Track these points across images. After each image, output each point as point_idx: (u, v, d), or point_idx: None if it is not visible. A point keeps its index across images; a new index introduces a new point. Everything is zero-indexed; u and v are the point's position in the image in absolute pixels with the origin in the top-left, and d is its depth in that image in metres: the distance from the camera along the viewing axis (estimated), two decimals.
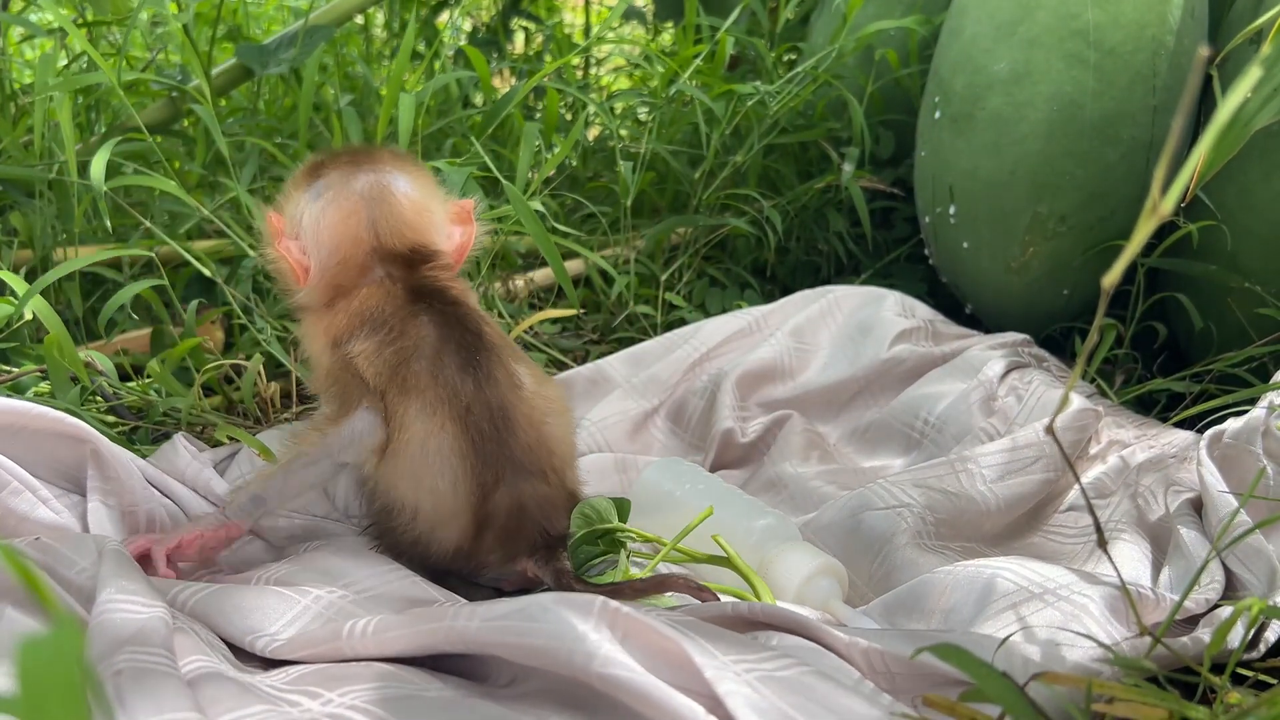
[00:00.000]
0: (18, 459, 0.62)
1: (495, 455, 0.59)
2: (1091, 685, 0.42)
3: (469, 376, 0.60)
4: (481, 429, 0.59)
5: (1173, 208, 0.30)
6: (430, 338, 0.61)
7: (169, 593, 0.56)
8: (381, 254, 0.65)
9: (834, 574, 0.63)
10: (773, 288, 1.18)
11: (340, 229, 0.65)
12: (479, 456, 0.59)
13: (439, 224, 0.68)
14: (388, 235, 0.65)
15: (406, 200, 0.66)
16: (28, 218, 0.92)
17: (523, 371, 0.63)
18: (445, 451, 0.59)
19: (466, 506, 0.59)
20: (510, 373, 0.62)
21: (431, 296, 0.64)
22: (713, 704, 0.41)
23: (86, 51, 0.88)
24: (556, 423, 0.63)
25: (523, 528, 0.60)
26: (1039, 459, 0.73)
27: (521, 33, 1.64)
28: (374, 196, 0.65)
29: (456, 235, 0.69)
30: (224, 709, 0.44)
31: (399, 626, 0.49)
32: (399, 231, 0.65)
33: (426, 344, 0.61)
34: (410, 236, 0.66)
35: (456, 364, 0.60)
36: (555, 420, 0.63)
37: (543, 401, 0.62)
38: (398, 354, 0.60)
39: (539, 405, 0.62)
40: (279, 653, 0.51)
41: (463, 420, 0.59)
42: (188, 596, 0.55)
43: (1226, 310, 0.93)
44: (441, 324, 0.62)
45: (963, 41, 0.99)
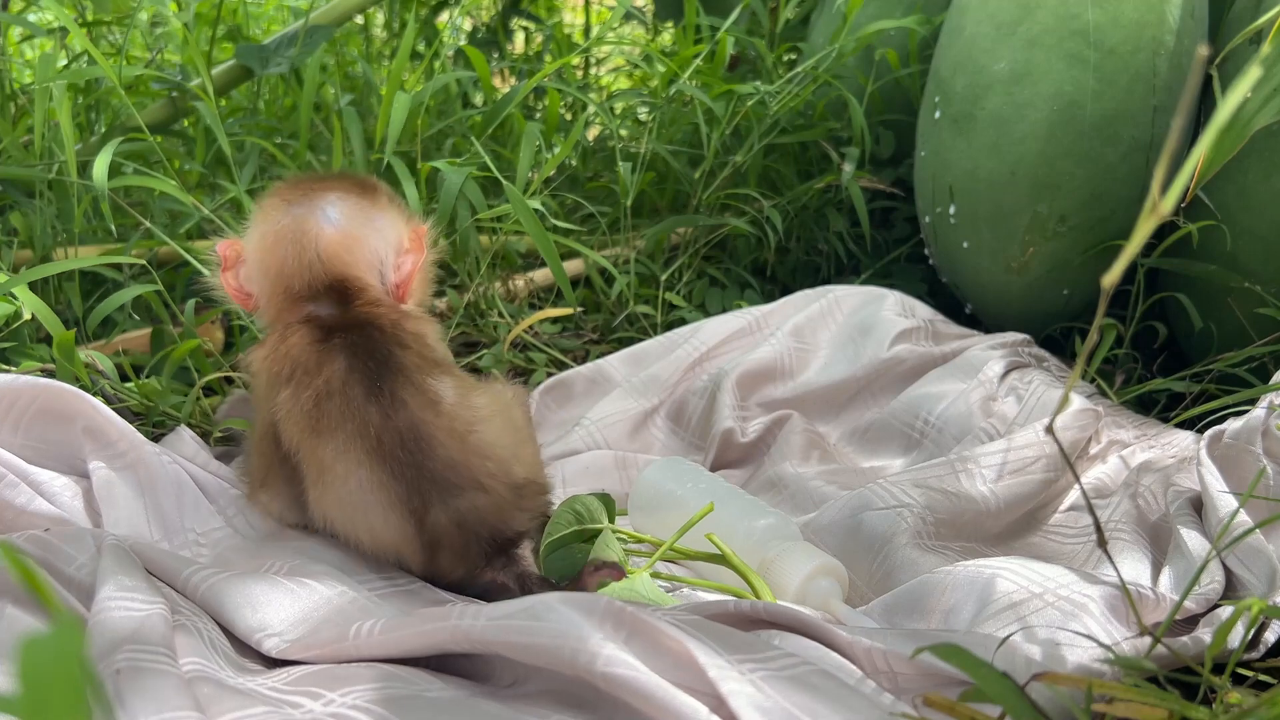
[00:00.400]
0: (10, 446, 0.62)
1: (416, 479, 0.58)
2: (1092, 685, 0.42)
3: (374, 405, 0.59)
4: (396, 456, 0.58)
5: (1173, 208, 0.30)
6: (339, 373, 0.60)
7: (182, 575, 0.56)
8: (309, 289, 0.64)
9: (834, 574, 0.63)
10: (773, 288, 1.19)
11: (270, 262, 0.65)
12: (401, 484, 0.58)
13: (375, 255, 0.66)
14: (312, 270, 0.64)
15: (335, 234, 0.65)
16: (28, 218, 0.92)
17: (443, 386, 0.61)
18: (366, 487, 0.58)
19: (406, 534, 0.59)
20: (423, 391, 0.60)
21: (350, 330, 0.62)
22: (716, 703, 0.41)
23: (87, 50, 0.88)
24: (487, 428, 0.61)
25: (471, 541, 0.60)
26: (1039, 459, 0.73)
27: (521, 33, 1.64)
28: (300, 231, 0.64)
29: (406, 264, 0.67)
30: (224, 709, 0.44)
31: (404, 627, 0.49)
32: (323, 267, 0.64)
33: (336, 380, 0.60)
34: (337, 270, 0.64)
35: (362, 395, 0.59)
36: (485, 426, 0.61)
37: (467, 411, 0.61)
38: (312, 397, 0.60)
39: (462, 416, 0.60)
40: (286, 654, 0.51)
41: (376, 452, 0.58)
42: (200, 580, 0.55)
43: (1226, 310, 0.93)
44: (350, 356, 0.61)
45: (963, 41, 0.99)
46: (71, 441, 0.64)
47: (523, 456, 0.64)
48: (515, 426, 0.66)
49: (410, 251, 0.68)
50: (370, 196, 0.68)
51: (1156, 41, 0.92)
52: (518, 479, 0.62)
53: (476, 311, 1.06)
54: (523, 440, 0.66)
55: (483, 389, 0.65)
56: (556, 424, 0.91)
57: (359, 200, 0.67)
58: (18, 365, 0.78)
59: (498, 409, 0.63)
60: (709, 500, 0.68)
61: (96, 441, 0.63)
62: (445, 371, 0.63)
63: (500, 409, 0.64)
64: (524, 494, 0.63)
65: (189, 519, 0.65)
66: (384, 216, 0.68)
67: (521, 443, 0.66)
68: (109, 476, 0.63)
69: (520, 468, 0.63)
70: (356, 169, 1.05)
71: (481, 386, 0.65)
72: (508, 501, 0.61)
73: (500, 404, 0.65)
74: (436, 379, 0.61)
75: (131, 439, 0.64)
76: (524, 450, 0.65)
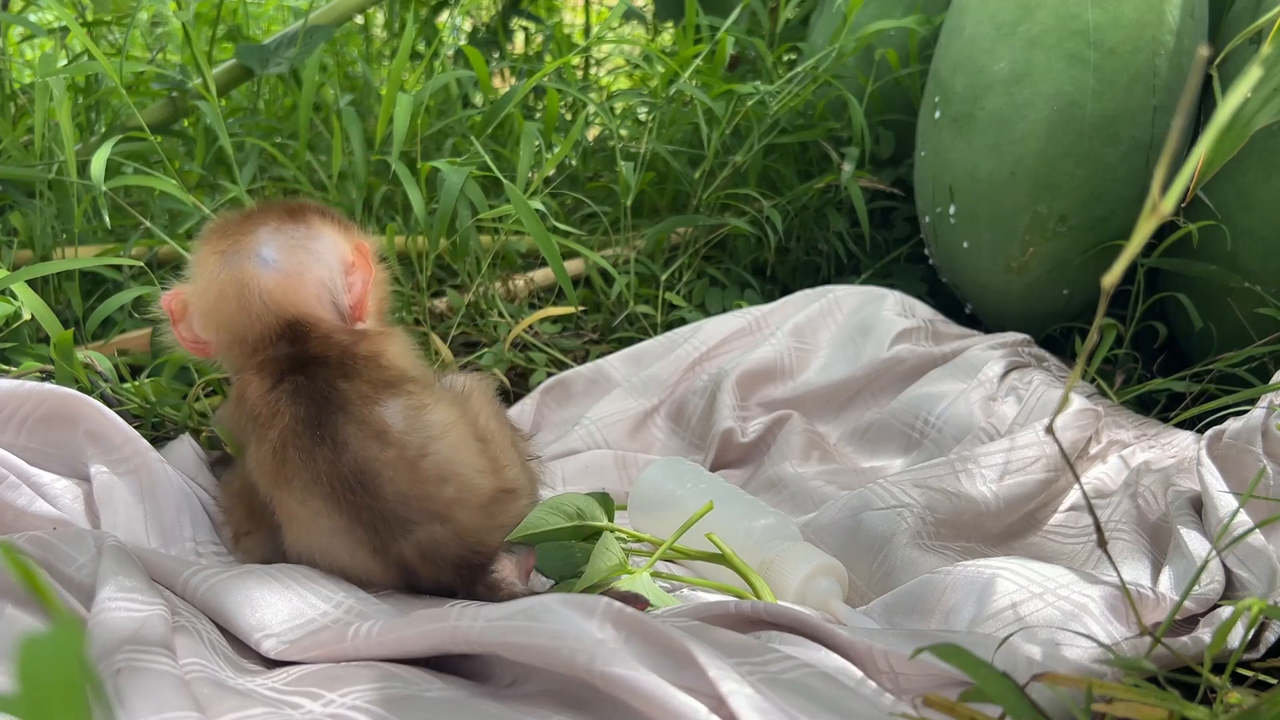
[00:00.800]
0: (12, 448, 0.62)
1: (371, 519, 0.57)
2: (1092, 685, 0.42)
3: (321, 450, 0.57)
4: (349, 499, 0.57)
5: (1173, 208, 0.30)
6: (289, 421, 0.59)
7: (181, 577, 0.56)
8: (263, 338, 0.62)
9: (834, 574, 0.63)
10: (773, 287, 1.19)
11: (218, 317, 0.63)
12: (359, 525, 0.57)
13: (322, 286, 0.63)
14: (262, 320, 0.61)
15: (275, 277, 0.62)
16: (27, 217, 0.92)
17: (391, 412, 0.59)
18: (329, 531, 0.58)
19: (377, 570, 0.59)
20: (367, 424, 0.58)
21: (299, 371, 0.60)
22: (716, 703, 0.41)
23: (88, 49, 0.88)
24: (443, 447, 0.59)
25: (441, 570, 0.59)
26: (1039, 459, 0.73)
27: (521, 33, 1.64)
28: (241, 283, 0.62)
29: (356, 284, 0.65)
30: (224, 709, 0.44)
31: (402, 628, 0.49)
32: (272, 314, 0.62)
33: (288, 430, 0.58)
34: (286, 314, 0.62)
35: (310, 442, 0.58)
36: (441, 445, 0.59)
37: (418, 435, 0.59)
38: (270, 449, 0.59)
39: (413, 441, 0.58)
40: (284, 655, 0.51)
41: (331, 497, 0.57)
42: (199, 582, 0.55)
43: (1226, 310, 0.93)
44: (295, 403, 0.59)
45: (963, 41, 0.99)
46: (74, 444, 0.64)
47: (491, 463, 0.62)
48: (483, 433, 0.63)
49: (357, 269, 0.65)
50: (302, 223, 0.65)
51: (1156, 41, 0.92)
52: (485, 495, 0.60)
53: (476, 311, 1.06)
54: (493, 443, 0.64)
55: (441, 400, 0.62)
56: (556, 424, 0.91)
57: (291, 232, 0.64)
58: (18, 365, 0.78)
59: (453, 420, 0.61)
60: (709, 500, 0.68)
61: (99, 445, 0.63)
62: (397, 392, 0.60)
63: (457, 420, 0.61)
64: (496, 509, 0.61)
65: (188, 529, 0.64)
66: (321, 241, 0.65)
67: (491, 448, 0.63)
68: (110, 480, 0.63)
69: (488, 479, 0.61)
70: (358, 170, 1.05)
71: (440, 395, 0.63)
72: (474, 524, 0.59)
73: (458, 414, 0.62)
74: (385, 404, 0.59)
75: (135, 444, 0.64)
76: (493, 455, 0.63)
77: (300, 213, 0.65)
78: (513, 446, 0.67)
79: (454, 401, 0.63)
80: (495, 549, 0.61)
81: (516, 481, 0.63)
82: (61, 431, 0.64)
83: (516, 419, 0.91)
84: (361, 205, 1.09)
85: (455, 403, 0.63)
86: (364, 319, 0.65)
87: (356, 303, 0.64)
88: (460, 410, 0.63)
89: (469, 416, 0.63)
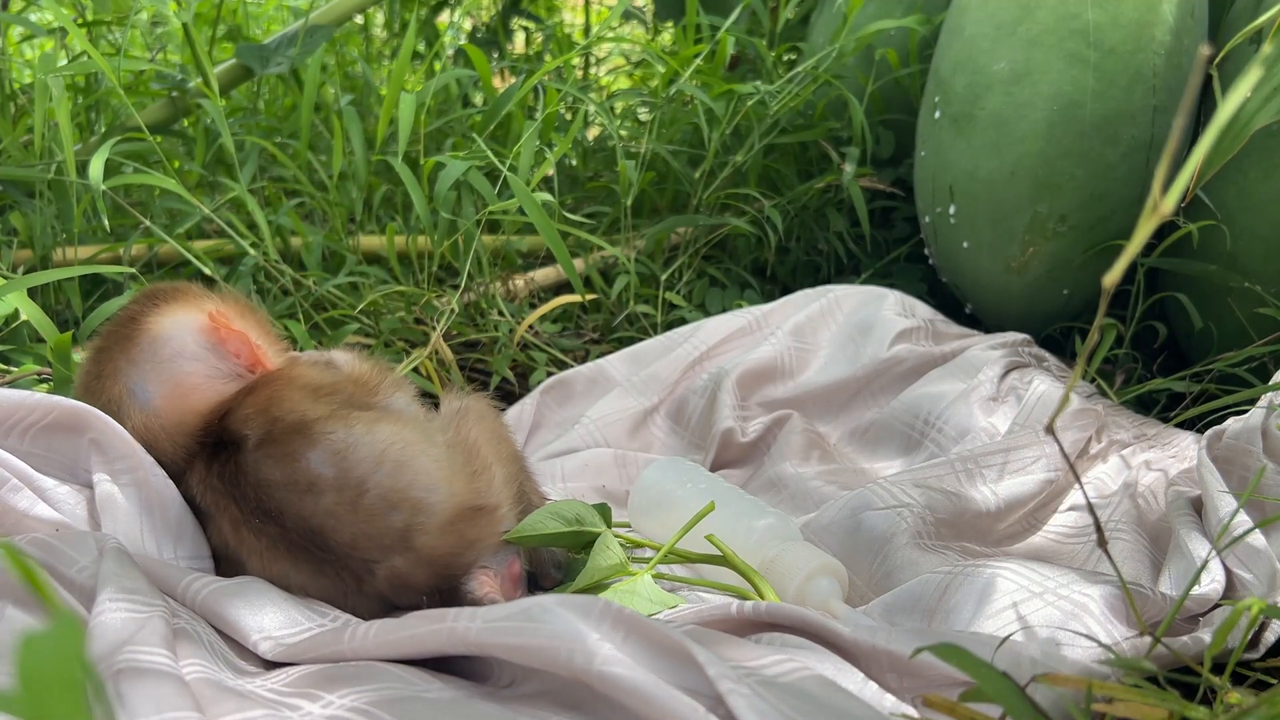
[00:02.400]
0: (15, 453, 0.62)
1: (335, 569, 0.56)
2: (1092, 685, 0.42)
3: (269, 524, 0.57)
4: (309, 556, 0.56)
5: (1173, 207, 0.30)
6: (229, 504, 0.58)
7: (180, 584, 0.56)
8: (184, 452, 0.60)
9: (834, 574, 0.63)
10: (773, 287, 1.19)
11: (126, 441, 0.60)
12: (326, 577, 0.57)
13: (204, 380, 0.61)
14: (173, 442, 0.60)
15: (160, 406, 0.60)
16: (27, 217, 0.92)
17: (319, 456, 0.57)
18: (304, 585, 0.57)
19: (359, 605, 0.58)
20: (295, 482, 0.56)
21: (224, 450, 0.59)
22: (714, 704, 0.41)
23: (86, 50, 0.88)
24: (381, 474, 0.57)
25: (417, 595, 0.58)
26: (1039, 459, 0.73)
27: (521, 33, 1.64)
28: (133, 426, 0.60)
29: (236, 347, 0.62)
30: (224, 710, 0.44)
31: (400, 629, 0.49)
32: (176, 435, 0.60)
33: (232, 513, 0.58)
34: (189, 425, 0.60)
35: (257, 517, 0.57)
36: (379, 473, 0.57)
37: (352, 473, 0.56)
38: (223, 531, 0.58)
39: (349, 481, 0.56)
40: (282, 656, 0.51)
41: (292, 557, 0.57)
42: (200, 588, 0.55)
43: (1226, 310, 0.93)
44: (230, 484, 0.58)
45: (963, 41, 0.99)
46: (78, 452, 0.64)
47: (454, 471, 0.60)
48: (435, 441, 0.61)
49: (225, 334, 0.62)
50: (145, 335, 0.61)
51: (1156, 41, 0.92)
52: (445, 514, 0.57)
53: (477, 311, 1.06)
54: (476, 455, 0.61)
55: (371, 420, 0.59)
56: (556, 423, 0.91)
57: (142, 354, 0.61)
58: (19, 365, 0.78)
59: (389, 440, 0.58)
60: (709, 500, 0.68)
61: (103, 455, 0.63)
62: (313, 439, 0.57)
63: (394, 436, 0.58)
64: (464, 527, 0.58)
65: (187, 545, 0.64)
66: (173, 341, 0.61)
67: (474, 460, 0.61)
68: (111, 490, 0.62)
69: (447, 492, 0.58)
70: (358, 169, 1.05)
71: (368, 416, 0.60)
72: (439, 547, 0.57)
73: (394, 429, 0.59)
74: (307, 457, 0.57)
75: (139, 457, 0.64)
76: (468, 470, 0.61)
77: (138, 323, 0.62)
78: (502, 463, 0.64)
79: (389, 417, 0.61)
80: (468, 568, 0.59)
81: (491, 497, 0.61)
82: (66, 439, 0.64)
83: (517, 418, 0.91)
84: (362, 205, 1.09)
85: (391, 418, 0.61)
86: (265, 365, 0.63)
87: (250, 364, 0.62)
88: (398, 421, 0.60)
89: (416, 439, 0.60)
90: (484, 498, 0.60)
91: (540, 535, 0.62)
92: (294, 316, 0.96)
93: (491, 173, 1.01)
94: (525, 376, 1.02)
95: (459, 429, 0.63)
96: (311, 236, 1.04)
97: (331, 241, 1.08)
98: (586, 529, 0.63)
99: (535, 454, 0.88)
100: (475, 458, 0.62)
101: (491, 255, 1.07)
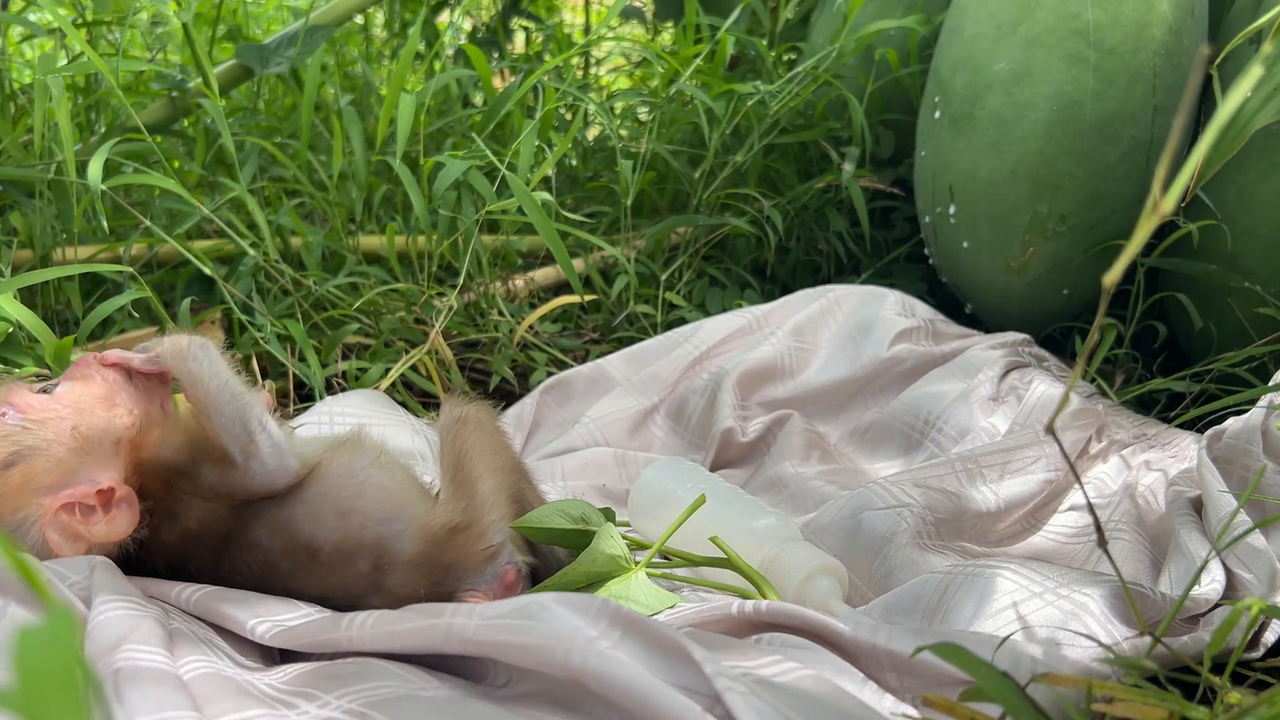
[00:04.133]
0: None
1: (326, 606, 0.55)
2: (1092, 685, 0.42)
3: (247, 576, 0.56)
4: (288, 600, 0.55)
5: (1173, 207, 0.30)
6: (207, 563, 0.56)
7: (173, 592, 0.56)
8: None
9: (834, 574, 0.63)
10: (773, 287, 1.18)
11: None
12: (320, 611, 0.56)
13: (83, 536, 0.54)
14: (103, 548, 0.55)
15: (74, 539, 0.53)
16: (27, 217, 0.92)
17: (265, 526, 0.55)
18: None
19: None
20: (249, 559, 0.55)
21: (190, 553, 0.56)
22: (711, 703, 0.41)
23: (85, 52, 0.88)
24: (335, 518, 0.55)
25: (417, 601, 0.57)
26: (1039, 459, 0.73)
27: (521, 33, 1.64)
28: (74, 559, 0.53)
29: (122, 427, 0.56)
30: (222, 709, 0.44)
31: (398, 622, 0.49)
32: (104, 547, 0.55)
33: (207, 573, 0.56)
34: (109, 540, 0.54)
35: (245, 570, 0.56)
36: (332, 519, 0.55)
37: (299, 538, 0.55)
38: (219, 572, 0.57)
39: (299, 543, 0.55)
40: (278, 639, 0.51)
41: (287, 605, 0.55)
42: (192, 592, 0.55)
43: (1226, 310, 0.93)
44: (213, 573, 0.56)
45: (963, 41, 0.99)
46: None
47: (424, 498, 0.58)
48: (450, 456, 0.59)
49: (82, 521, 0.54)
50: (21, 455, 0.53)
51: (1156, 41, 0.92)
52: (412, 548, 0.55)
53: (477, 311, 1.06)
54: (459, 470, 0.59)
55: (338, 448, 0.57)
56: (557, 423, 0.91)
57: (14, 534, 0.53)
58: (20, 368, 0.78)
59: (328, 486, 0.55)
60: (708, 501, 0.68)
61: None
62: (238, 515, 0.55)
63: (326, 472, 0.56)
64: (438, 551, 0.56)
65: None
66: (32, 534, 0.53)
67: (454, 475, 0.59)
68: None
69: (416, 518, 0.56)
70: (358, 169, 1.05)
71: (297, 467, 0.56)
72: (415, 579, 0.56)
73: (324, 462, 0.57)
74: (252, 530, 0.55)
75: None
76: (451, 485, 0.58)
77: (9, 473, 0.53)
78: (496, 474, 0.61)
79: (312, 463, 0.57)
80: (454, 591, 0.57)
81: (470, 512, 0.58)
82: None
83: (517, 418, 0.91)
84: (362, 205, 1.09)
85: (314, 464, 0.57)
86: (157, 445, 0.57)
87: (135, 442, 0.56)
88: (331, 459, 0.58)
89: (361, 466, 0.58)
90: (458, 515, 0.57)
91: (544, 530, 0.62)
92: (294, 316, 0.96)
93: (491, 173, 1.01)
94: (525, 376, 1.02)
95: (454, 439, 0.60)
96: (311, 236, 1.04)
97: (331, 241, 1.08)
98: (591, 528, 0.63)
99: (535, 454, 0.88)
100: (460, 471, 0.59)
101: (491, 255, 1.07)
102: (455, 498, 0.58)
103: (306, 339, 0.91)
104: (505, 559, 0.60)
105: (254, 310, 0.94)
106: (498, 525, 0.59)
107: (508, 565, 0.59)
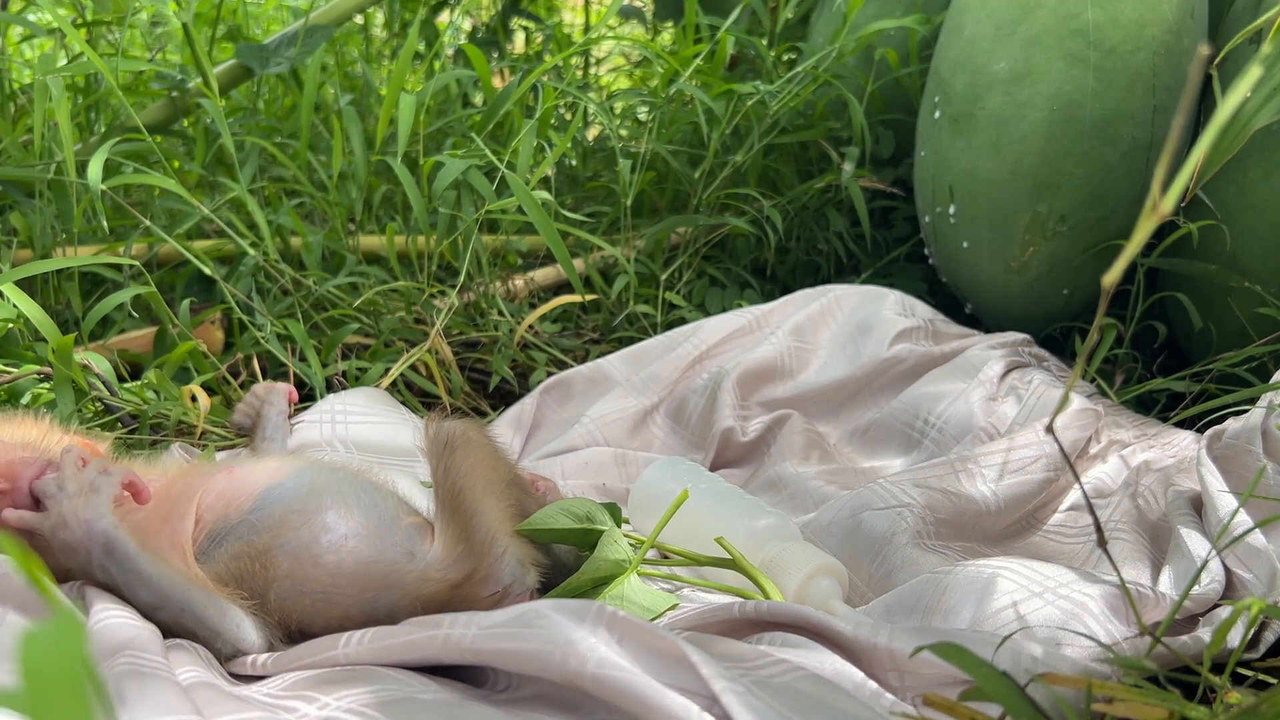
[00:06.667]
0: None
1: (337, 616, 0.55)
2: (1092, 685, 0.42)
3: None
4: None
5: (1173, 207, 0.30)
6: None
7: None
8: None
9: (834, 574, 0.63)
10: (773, 287, 1.18)
11: None
12: None
13: None
14: None
15: None
16: (27, 217, 0.92)
17: (278, 565, 0.54)
18: None
19: None
20: (266, 595, 0.54)
21: None
22: (709, 703, 0.41)
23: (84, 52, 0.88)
24: (336, 578, 0.54)
25: None
26: (1039, 459, 0.73)
27: (521, 32, 1.64)
28: None
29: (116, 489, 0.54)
30: (221, 711, 0.44)
31: (394, 636, 0.49)
32: None
33: None
34: None
35: None
36: (331, 584, 0.54)
37: (306, 588, 0.54)
38: None
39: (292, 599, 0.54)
40: (277, 664, 0.51)
41: None
42: None
43: (1226, 310, 0.93)
44: None
45: (963, 41, 0.99)
46: None
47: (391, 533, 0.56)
48: (445, 491, 0.56)
49: None
50: None
51: (1156, 41, 0.92)
52: (402, 614, 0.54)
53: (477, 311, 1.06)
54: (458, 505, 0.56)
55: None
56: (556, 422, 0.91)
57: None
58: (18, 367, 0.78)
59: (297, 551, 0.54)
60: (709, 500, 0.68)
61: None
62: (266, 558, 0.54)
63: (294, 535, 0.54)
64: (449, 599, 0.55)
65: None
66: None
67: (452, 513, 0.56)
68: None
69: (408, 590, 0.54)
70: (358, 169, 1.05)
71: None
72: (422, 591, 0.54)
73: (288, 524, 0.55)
74: (272, 567, 0.54)
75: None
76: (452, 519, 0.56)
77: None
78: (496, 494, 0.59)
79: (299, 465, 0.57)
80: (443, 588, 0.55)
81: (468, 564, 0.56)
82: None
83: (517, 418, 0.91)
84: (362, 205, 1.09)
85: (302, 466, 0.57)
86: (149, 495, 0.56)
87: (135, 492, 0.56)
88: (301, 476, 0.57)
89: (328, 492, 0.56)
90: (461, 566, 0.55)
91: (549, 530, 0.61)
92: (294, 316, 0.96)
93: (491, 172, 1.01)
94: (525, 376, 1.02)
95: (446, 471, 0.57)
96: (311, 236, 1.04)
97: (331, 241, 1.08)
98: (596, 527, 0.63)
99: (535, 453, 0.88)
100: (457, 507, 0.56)
101: (491, 255, 1.07)
102: (454, 540, 0.56)
103: (307, 339, 0.91)
104: (516, 591, 0.57)
105: (254, 310, 0.94)
106: (503, 560, 0.56)
107: (519, 595, 0.57)
